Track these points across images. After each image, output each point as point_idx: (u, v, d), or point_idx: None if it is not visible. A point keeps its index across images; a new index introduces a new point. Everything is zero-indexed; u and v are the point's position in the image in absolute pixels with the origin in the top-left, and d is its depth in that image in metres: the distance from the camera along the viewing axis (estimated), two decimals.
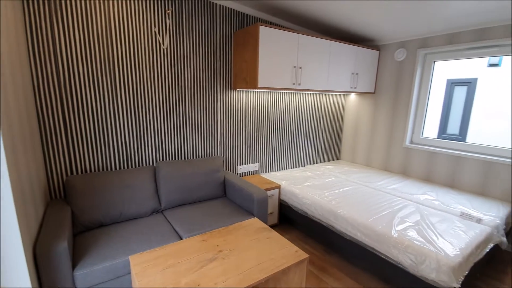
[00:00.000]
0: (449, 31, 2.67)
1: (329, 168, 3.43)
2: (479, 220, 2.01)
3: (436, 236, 1.78)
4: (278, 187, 2.73)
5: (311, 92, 3.30)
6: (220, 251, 1.36)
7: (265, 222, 2.28)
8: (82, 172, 2.07)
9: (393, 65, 3.20)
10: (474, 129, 3.92)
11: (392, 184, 2.83)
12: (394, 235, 1.79)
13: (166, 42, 2.27)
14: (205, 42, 2.49)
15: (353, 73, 3.10)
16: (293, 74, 2.60)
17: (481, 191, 2.62)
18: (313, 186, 2.73)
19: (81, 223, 1.81)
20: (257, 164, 3.12)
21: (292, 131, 3.36)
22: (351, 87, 3.13)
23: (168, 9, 2.22)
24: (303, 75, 2.69)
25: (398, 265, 1.75)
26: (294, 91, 3.05)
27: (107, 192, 1.93)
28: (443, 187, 2.79)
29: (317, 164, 3.68)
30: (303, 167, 3.51)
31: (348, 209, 2.18)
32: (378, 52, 3.30)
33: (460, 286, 1.50)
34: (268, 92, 3.02)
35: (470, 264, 1.64)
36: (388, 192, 2.62)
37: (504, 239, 1.96)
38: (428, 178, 3.02)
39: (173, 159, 2.51)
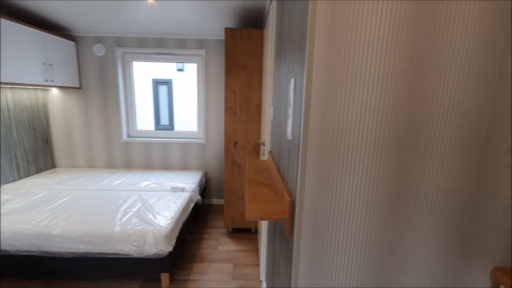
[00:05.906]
0: (139, 35, 3.03)
1: (38, 182, 2.74)
2: (183, 189, 2.61)
3: (153, 215, 2.05)
4: None
5: None
6: None
7: None
8: None
9: (95, 60, 3.09)
10: (177, 119, 4.96)
11: (116, 180, 2.85)
12: (118, 230, 1.82)
13: None
14: None
15: (45, 64, 2.59)
16: None
17: (184, 167, 3.41)
18: (11, 211, 2.05)
19: None
20: None
21: None
22: (46, 80, 2.62)
23: None
24: None
25: (127, 256, 1.82)
26: None
27: None
28: (160, 170, 3.28)
29: (19, 181, 2.79)
30: None
31: (64, 224, 1.88)
32: (75, 43, 3.00)
33: (173, 247, 1.87)
34: None
35: (180, 226, 2.10)
36: (112, 189, 2.61)
37: (199, 197, 2.72)
38: (148, 166, 3.39)
39: None
